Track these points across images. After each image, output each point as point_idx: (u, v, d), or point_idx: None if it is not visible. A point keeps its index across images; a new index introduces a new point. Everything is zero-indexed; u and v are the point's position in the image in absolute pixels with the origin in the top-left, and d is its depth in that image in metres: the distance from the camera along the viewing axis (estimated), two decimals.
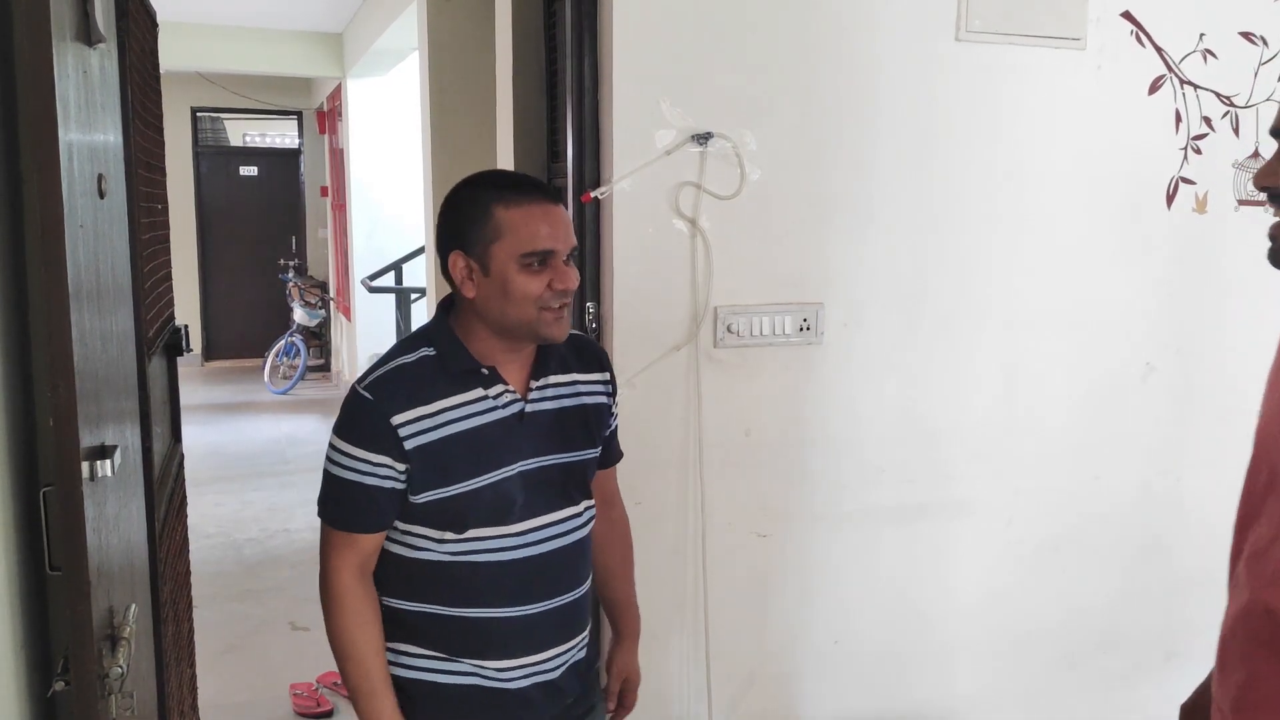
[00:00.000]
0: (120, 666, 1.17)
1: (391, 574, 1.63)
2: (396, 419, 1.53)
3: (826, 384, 2.54)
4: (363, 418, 1.54)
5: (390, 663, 1.63)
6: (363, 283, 7.07)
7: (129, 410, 1.58)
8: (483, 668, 1.62)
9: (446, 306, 1.65)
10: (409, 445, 1.53)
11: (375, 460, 1.54)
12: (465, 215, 1.56)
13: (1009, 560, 2.78)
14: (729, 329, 2.42)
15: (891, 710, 2.74)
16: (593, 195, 2.32)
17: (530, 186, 1.58)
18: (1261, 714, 1.08)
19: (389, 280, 6.94)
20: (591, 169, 2.34)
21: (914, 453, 2.64)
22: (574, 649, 1.72)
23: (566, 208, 2.40)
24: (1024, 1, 2.53)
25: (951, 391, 2.64)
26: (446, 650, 1.63)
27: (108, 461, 1.17)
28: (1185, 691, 3.15)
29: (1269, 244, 1.11)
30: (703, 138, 2.32)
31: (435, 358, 1.59)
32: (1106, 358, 2.76)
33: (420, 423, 1.54)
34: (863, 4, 2.43)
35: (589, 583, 1.75)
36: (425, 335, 1.63)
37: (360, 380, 1.58)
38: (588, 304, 2.38)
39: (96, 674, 1.13)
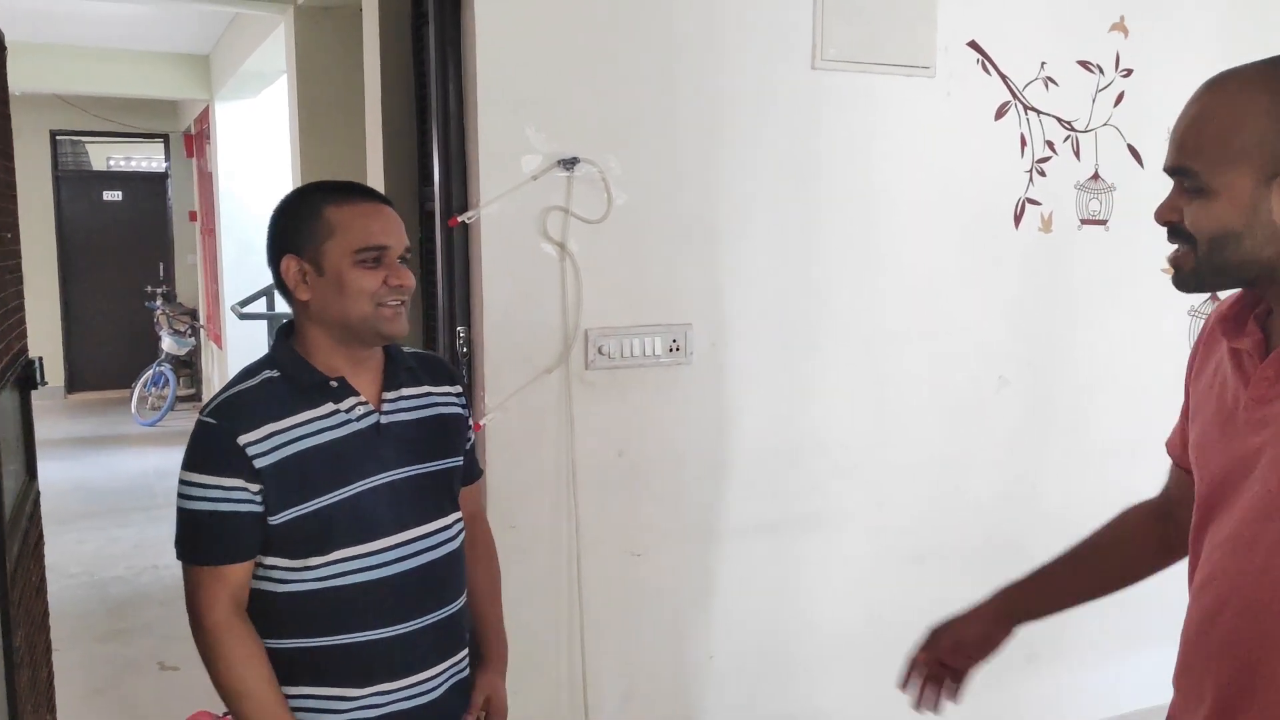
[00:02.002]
0: None
1: (259, 613, 1.57)
2: (244, 439, 1.50)
3: (697, 403, 2.59)
4: (209, 444, 1.51)
5: None
6: (233, 309, 6.88)
7: None
8: (359, 696, 1.59)
9: (285, 333, 1.63)
10: (260, 464, 1.50)
11: (228, 485, 1.50)
12: (296, 218, 1.56)
13: (877, 570, 2.86)
14: (600, 351, 2.45)
15: None
16: (460, 220, 2.32)
17: (360, 189, 1.60)
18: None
19: (260, 306, 6.77)
20: (459, 194, 2.35)
21: (783, 468, 2.70)
22: (456, 666, 1.70)
23: (435, 232, 2.41)
24: (876, 31, 2.64)
25: (817, 408, 2.72)
26: (328, 683, 1.58)
27: None
28: (1046, 692, 3.30)
29: (1172, 271, 1.22)
30: (569, 162, 2.35)
31: (280, 378, 1.57)
32: (962, 372, 2.88)
33: (271, 440, 1.51)
34: (722, 33, 2.50)
35: (465, 596, 1.74)
36: (265, 360, 1.61)
37: (203, 410, 1.55)
38: (458, 329, 2.38)
39: None
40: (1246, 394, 1.18)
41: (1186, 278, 1.19)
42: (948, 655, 1.56)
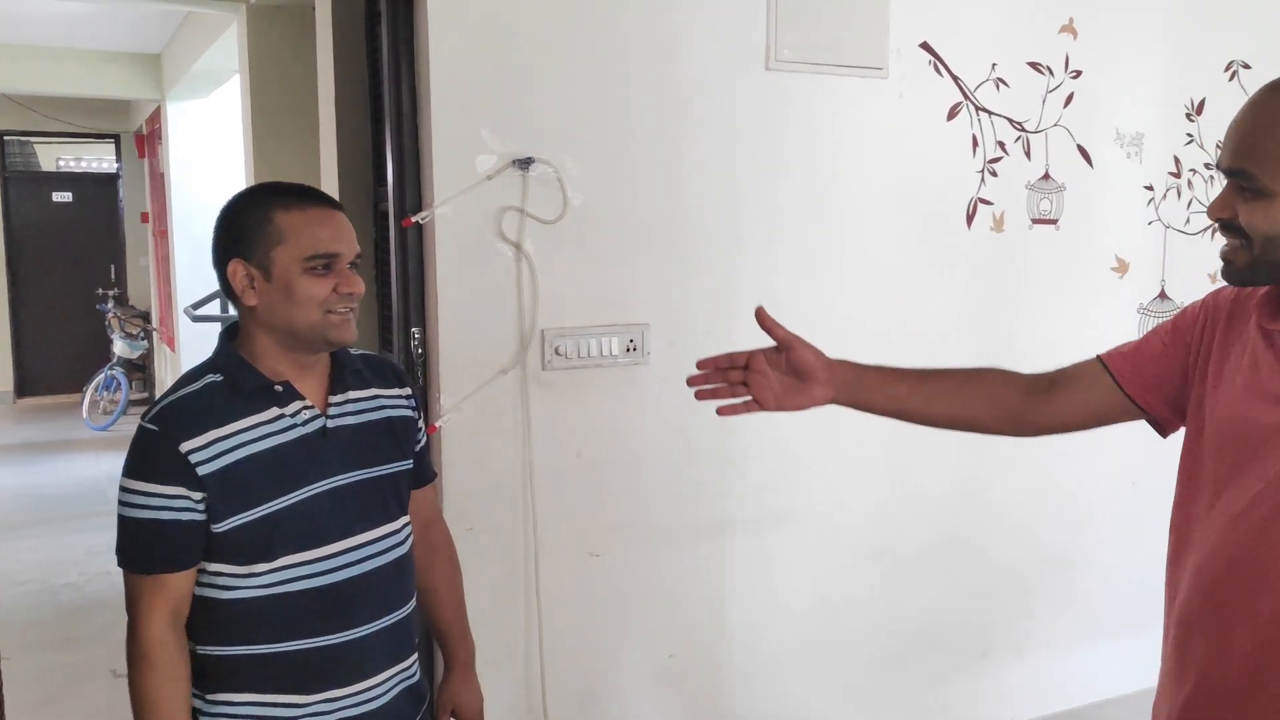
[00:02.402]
0: None
1: (203, 620, 1.55)
2: (186, 446, 1.47)
3: (654, 403, 2.59)
4: (150, 451, 1.49)
5: (215, 716, 1.57)
6: (186, 311, 6.80)
7: None
8: (309, 702, 1.57)
9: (229, 335, 1.61)
10: (202, 472, 1.47)
11: (169, 493, 1.47)
12: (244, 222, 1.53)
13: (834, 567, 2.88)
14: (557, 351, 2.45)
15: (729, 718, 2.81)
16: (413, 220, 2.31)
17: (311, 193, 1.57)
18: None
19: (214, 308, 6.70)
20: (413, 194, 2.34)
21: (742, 468, 2.71)
22: (405, 672, 1.69)
23: (388, 233, 2.40)
24: (829, 33, 2.65)
25: None
26: (275, 690, 1.56)
27: None
28: (1001, 686, 3.34)
29: (1222, 264, 1.27)
30: (524, 163, 2.35)
31: (223, 383, 1.54)
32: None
33: (213, 447, 1.49)
34: (677, 33, 2.51)
35: (414, 601, 1.73)
36: (208, 364, 1.58)
37: (144, 416, 1.53)
38: (413, 329, 2.37)
39: None
40: None
41: (1239, 271, 1.25)
42: (769, 362, 1.50)
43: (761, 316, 1.45)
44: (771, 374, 1.48)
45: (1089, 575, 3.30)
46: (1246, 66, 3.32)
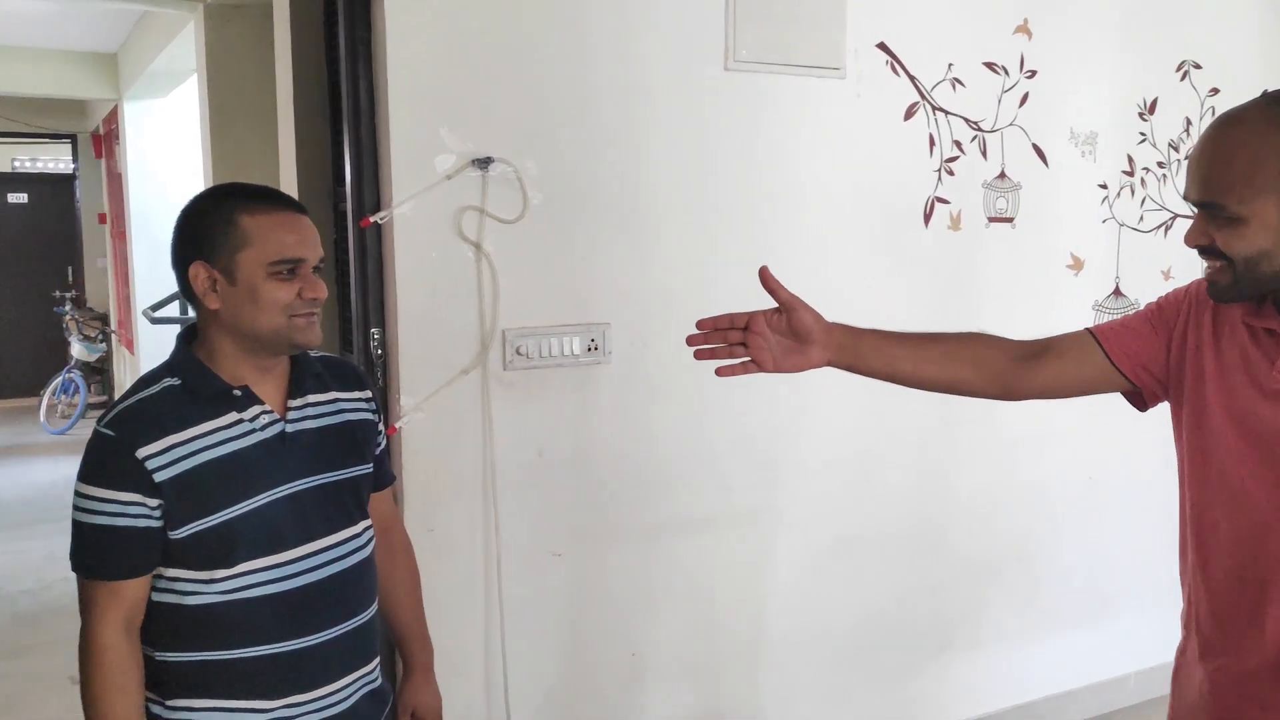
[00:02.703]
0: None
1: (163, 626, 1.54)
2: (143, 452, 1.46)
3: (617, 402, 2.60)
4: (106, 456, 1.47)
5: None
6: (145, 313, 6.72)
7: None
8: (271, 708, 1.57)
9: (187, 337, 1.60)
10: (159, 478, 1.46)
11: (125, 500, 1.46)
12: (207, 224, 1.52)
13: (797, 564, 2.90)
14: (518, 351, 2.45)
15: (690, 717, 2.81)
16: (372, 220, 2.30)
17: (276, 196, 1.57)
18: None
19: (174, 310, 6.63)
20: (371, 194, 2.33)
21: (703, 466, 2.72)
22: (367, 676, 1.69)
23: (347, 233, 2.39)
24: (787, 33, 2.67)
25: (736, 405, 2.74)
26: (236, 696, 1.55)
27: None
28: (960, 680, 3.37)
29: (1208, 285, 1.39)
30: (483, 162, 2.35)
31: (180, 387, 1.53)
32: None
33: (170, 453, 1.47)
34: (635, 33, 2.52)
35: (376, 605, 1.73)
36: (166, 367, 1.57)
37: (100, 420, 1.51)
38: (372, 330, 2.36)
39: None
40: (1276, 369, 1.35)
41: (1225, 290, 1.36)
42: (769, 324, 1.55)
43: (765, 277, 1.50)
44: (770, 336, 1.53)
45: (1047, 569, 3.34)
46: (1197, 66, 3.37)
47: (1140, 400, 1.59)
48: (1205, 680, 1.48)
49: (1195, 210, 1.36)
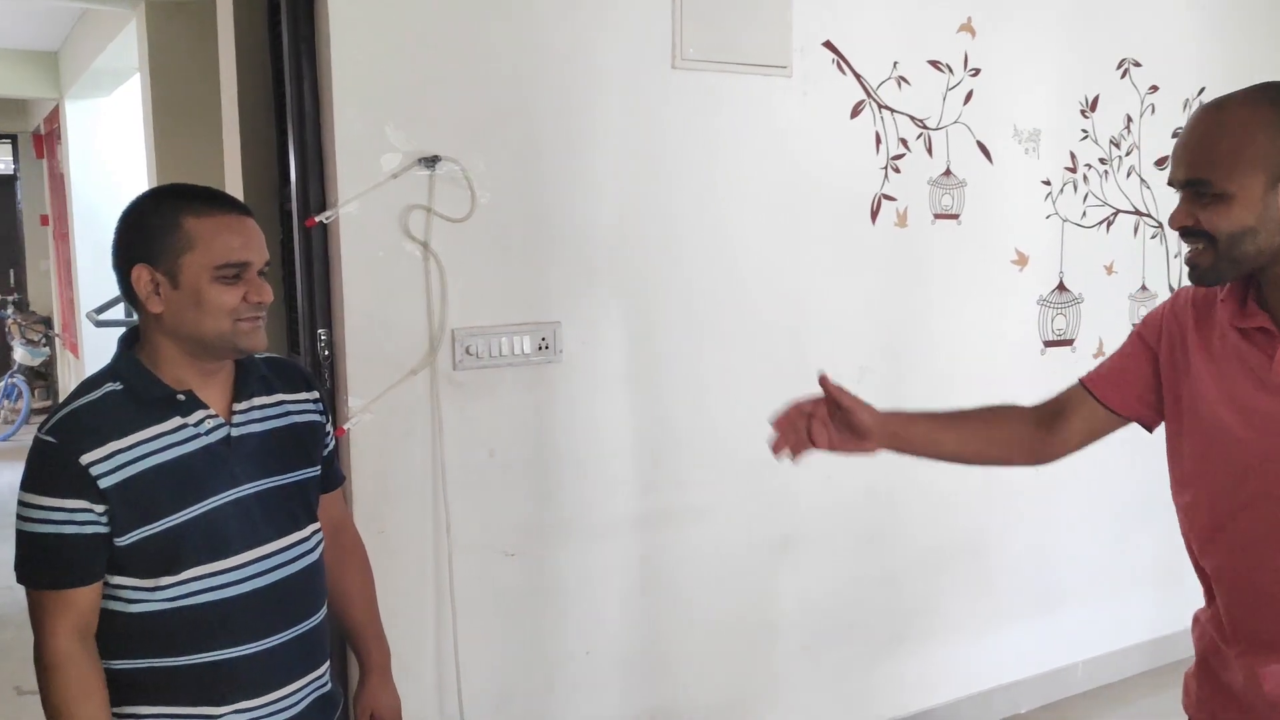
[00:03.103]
0: None
1: (107, 633, 1.52)
2: (87, 458, 1.44)
3: (567, 401, 2.59)
4: (50, 464, 1.45)
5: None
6: (89, 316, 6.61)
7: None
8: (219, 714, 1.55)
9: (129, 341, 1.58)
10: (104, 484, 1.44)
11: (71, 506, 1.44)
12: (151, 227, 1.50)
13: (749, 560, 2.92)
14: (468, 351, 2.44)
15: (645, 712, 2.82)
16: (317, 220, 2.28)
17: (221, 198, 1.55)
18: None
19: (119, 313, 6.52)
20: (316, 193, 2.31)
21: (654, 463, 2.73)
22: (317, 681, 1.68)
23: (292, 233, 2.36)
24: (734, 32, 2.68)
25: (686, 402, 2.75)
26: (185, 703, 1.54)
27: None
28: (913, 671, 3.41)
29: (1188, 270, 1.43)
30: (430, 161, 2.33)
31: (123, 391, 1.51)
32: (824, 363, 2.94)
33: (115, 459, 1.45)
34: (583, 32, 2.51)
35: (325, 610, 1.71)
36: (108, 371, 1.55)
37: (42, 427, 1.48)
38: (319, 331, 2.33)
39: None
40: (1275, 364, 1.40)
41: (1205, 272, 1.40)
42: (829, 412, 1.63)
43: (825, 384, 1.59)
44: (830, 423, 1.62)
45: (998, 561, 3.38)
46: (1137, 64, 3.44)
47: (1147, 426, 1.66)
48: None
49: (1180, 192, 1.40)
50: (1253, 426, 1.42)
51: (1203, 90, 3.55)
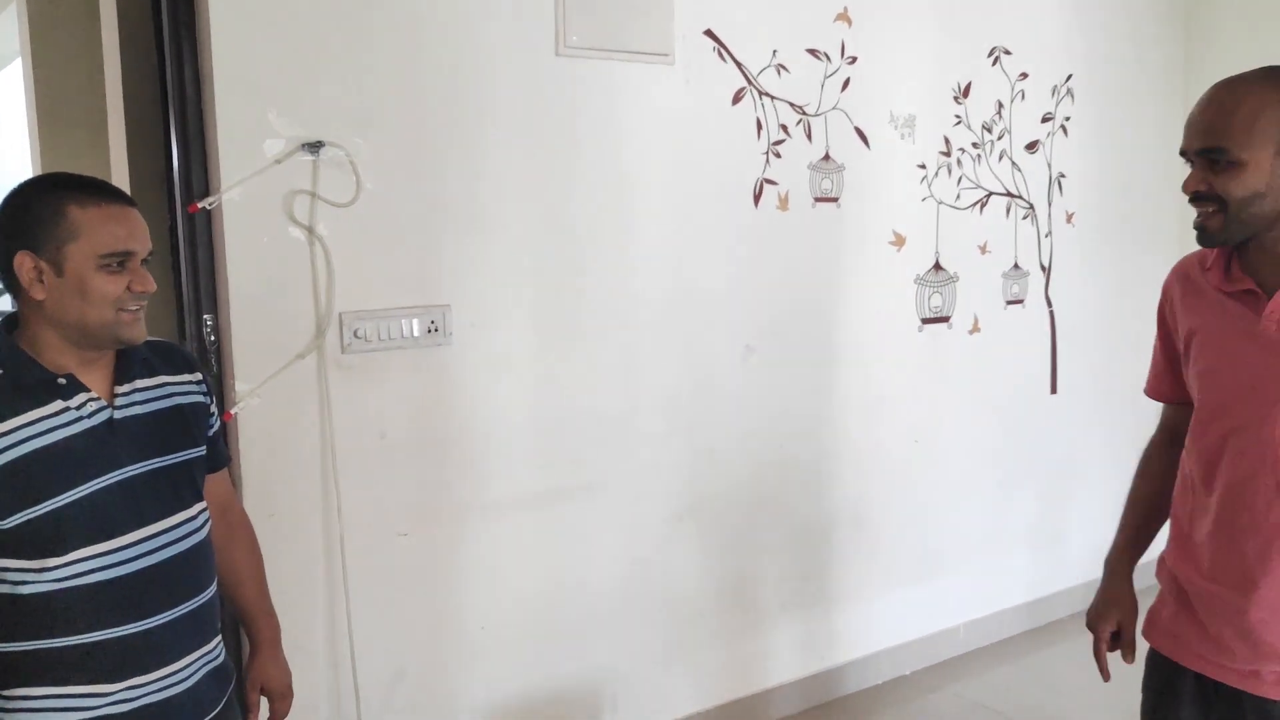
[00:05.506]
0: None
1: None
2: None
3: (458, 383, 2.64)
4: None
5: (15, 712, 1.54)
6: None
7: None
8: (112, 691, 1.57)
9: (8, 326, 1.59)
10: None
11: None
12: (34, 214, 1.51)
13: (641, 533, 3.00)
14: (356, 334, 2.47)
15: (542, 686, 2.88)
16: (200, 206, 2.29)
17: (106, 188, 1.57)
18: None
19: (4, 303, 6.35)
20: (199, 179, 2.31)
21: (546, 441, 2.79)
22: (209, 654, 1.70)
23: (175, 220, 2.37)
24: (616, 20, 2.75)
25: (576, 381, 2.82)
26: (77, 682, 1.55)
27: None
28: (801, 636, 3.52)
29: (1197, 233, 1.60)
30: (314, 146, 2.36)
31: (2, 376, 1.52)
32: (711, 343, 3.05)
33: None
34: (467, 18, 2.55)
35: (215, 586, 1.74)
36: None
37: None
38: (204, 316, 2.35)
39: None
40: (1263, 321, 1.57)
41: (1214, 234, 1.58)
42: (1122, 625, 1.88)
43: (1101, 656, 1.89)
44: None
45: (881, 530, 3.52)
46: (1008, 52, 3.59)
47: None
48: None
49: (1194, 161, 1.56)
50: (1238, 369, 1.61)
51: (1070, 77, 3.72)
